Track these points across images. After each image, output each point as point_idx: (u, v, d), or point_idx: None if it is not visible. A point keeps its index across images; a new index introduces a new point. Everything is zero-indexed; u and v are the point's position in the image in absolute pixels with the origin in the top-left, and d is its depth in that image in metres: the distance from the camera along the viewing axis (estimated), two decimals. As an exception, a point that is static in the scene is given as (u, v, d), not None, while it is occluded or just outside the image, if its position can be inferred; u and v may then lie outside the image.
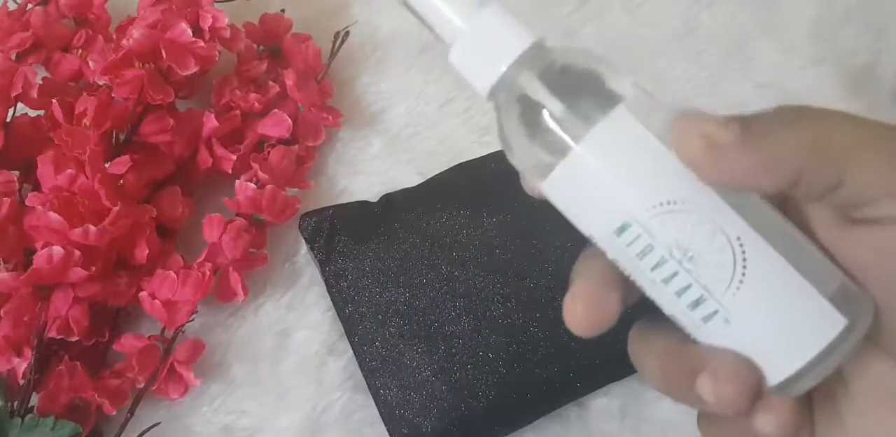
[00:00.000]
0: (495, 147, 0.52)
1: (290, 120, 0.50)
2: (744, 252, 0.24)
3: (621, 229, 0.25)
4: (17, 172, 0.48)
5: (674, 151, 0.25)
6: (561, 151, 0.25)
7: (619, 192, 0.25)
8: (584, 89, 0.26)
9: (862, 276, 0.25)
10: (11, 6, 0.52)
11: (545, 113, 0.25)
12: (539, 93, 0.25)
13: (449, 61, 0.27)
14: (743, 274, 0.24)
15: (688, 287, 0.25)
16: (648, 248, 0.25)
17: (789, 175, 0.23)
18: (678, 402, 0.26)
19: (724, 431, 0.27)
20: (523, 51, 0.26)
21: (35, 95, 0.48)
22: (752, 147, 0.23)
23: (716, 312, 0.25)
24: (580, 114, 0.25)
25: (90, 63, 0.49)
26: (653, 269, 0.25)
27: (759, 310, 0.25)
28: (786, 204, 0.27)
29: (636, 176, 0.25)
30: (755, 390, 0.24)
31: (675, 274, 0.25)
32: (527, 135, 0.26)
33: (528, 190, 0.28)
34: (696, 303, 0.25)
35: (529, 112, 0.26)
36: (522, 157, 0.27)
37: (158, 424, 0.46)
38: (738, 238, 0.24)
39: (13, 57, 0.49)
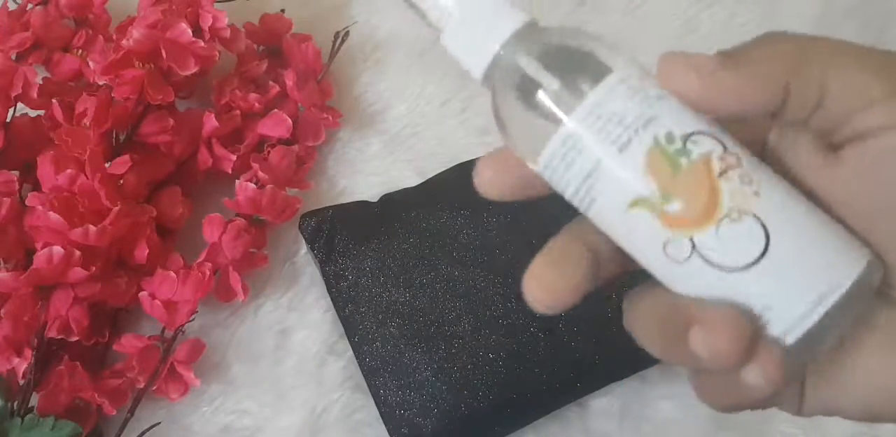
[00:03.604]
0: (495, 147, 0.52)
1: (289, 120, 0.50)
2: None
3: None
4: (17, 172, 0.48)
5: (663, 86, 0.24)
6: (560, 123, 0.25)
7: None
8: (578, 66, 0.25)
9: (854, 208, 0.24)
10: (11, 6, 0.52)
11: (541, 91, 0.25)
12: (535, 71, 0.25)
13: (441, 44, 0.27)
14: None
15: None
16: None
17: (776, 90, 0.23)
18: (678, 365, 0.25)
19: (715, 384, 0.26)
20: (516, 30, 0.25)
21: (35, 95, 0.48)
22: (737, 68, 0.24)
23: None
24: (575, 89, 0.25)
25: (90, 63, 0.49)
26: None
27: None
28: (771, 154, 0.26)
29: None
30: (749, 340, 0.23)
31: None
32: (523, 115, 0.26)
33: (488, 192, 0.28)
34: None
35: (525, 91, 0.25)
36: (519, 138, 0.26)
37: (158, 424, 0.46)
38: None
39: (13, 57, 0.49)
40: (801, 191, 0.25)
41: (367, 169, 0.54)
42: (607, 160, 0.24)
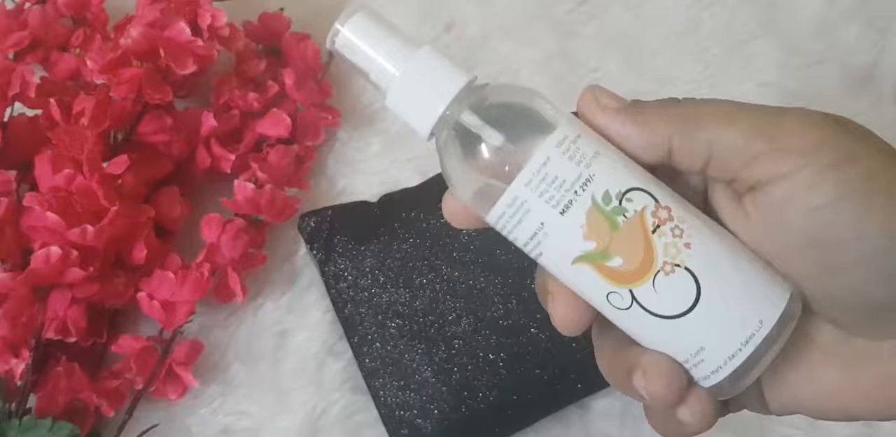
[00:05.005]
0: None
1: (289, 119, 0.50)
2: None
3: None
4: (14, 172, 0.48)
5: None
6: (506, 181, 0.26)
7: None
8: (520, 122, 0.27)
9: (768, 251, 0.27)
10: (9, 5, 0.52)
11: (485, 154, 0.26)
12: (478, 129, 0.26)
13: (386, 105, 0.28)
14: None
15: None
16: None
17: (658, 144, 0.27)
18: (626, 395, 0.28)
19: (659, 417, 0.29)
20: (459, 91, 0.27)
21: (33, 95, 0.47)
22: (631, 117, 0.27)
23: None
24: (518, 151, 0.26)
25: (88, 62, 0.49)
26: None
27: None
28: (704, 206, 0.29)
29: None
30: (681, 387, 0.27)
31: None
32: (469, 170, 0.27)
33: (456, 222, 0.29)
34: None
35: (470, 148, 0.27)
36: (467, 195, 0.27)
37: (157, 425, 0.46)
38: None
39: (11, 56, 0.49)
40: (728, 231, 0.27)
41: (367, 169, 0.54)
42: (550, 222, 0.26)
